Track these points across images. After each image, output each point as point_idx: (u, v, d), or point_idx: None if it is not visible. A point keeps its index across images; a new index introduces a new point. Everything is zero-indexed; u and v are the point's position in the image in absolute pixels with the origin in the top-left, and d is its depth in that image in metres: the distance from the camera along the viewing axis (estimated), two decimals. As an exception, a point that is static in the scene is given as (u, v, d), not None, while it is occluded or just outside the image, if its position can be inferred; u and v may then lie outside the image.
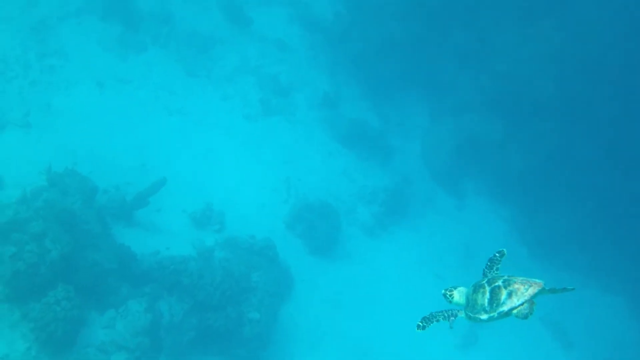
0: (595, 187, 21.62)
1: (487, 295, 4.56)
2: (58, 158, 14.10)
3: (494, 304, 4.51)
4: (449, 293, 5.00)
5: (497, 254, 5.13)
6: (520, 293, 4.43)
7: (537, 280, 4.50)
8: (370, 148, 21.13)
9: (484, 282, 4.69)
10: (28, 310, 9.85)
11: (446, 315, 4.96)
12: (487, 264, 5.10)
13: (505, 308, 4.46)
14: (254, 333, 13.60)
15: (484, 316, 4.57)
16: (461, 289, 4.95)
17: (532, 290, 4.42)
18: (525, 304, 4.43)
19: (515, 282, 4.49)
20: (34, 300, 9.90)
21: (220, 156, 18.07)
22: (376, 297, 17.30)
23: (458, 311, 4.92)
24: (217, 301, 13.07)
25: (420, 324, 4.95)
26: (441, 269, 19.42)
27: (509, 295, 4.46)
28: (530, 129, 21.76)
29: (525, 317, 4.47)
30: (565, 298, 21.07)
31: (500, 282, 4.56)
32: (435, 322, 4.97)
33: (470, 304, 4.70)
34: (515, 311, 4.45)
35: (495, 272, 5.00)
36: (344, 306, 16.74)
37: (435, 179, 22.19)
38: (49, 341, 9.73)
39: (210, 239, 15.38)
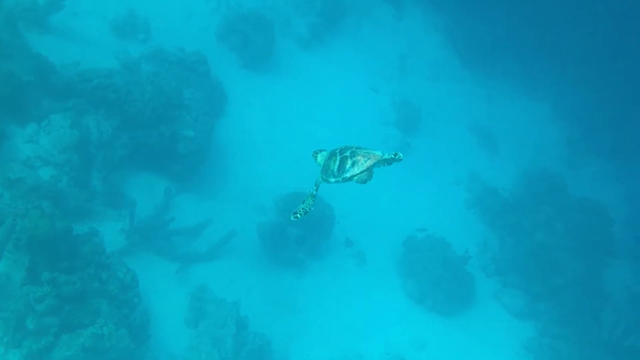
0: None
1: (337, 163, 5.41)
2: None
3: (341, 171, 5.38)
4: (315, 154, 5.71)
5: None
6: (360, 164, 5.34)
7: (376, 153, 5.37)
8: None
9: (337, 151, 5.49)
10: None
11: (305, 198, 5.61)
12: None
13: (348, 175, 5.37)
14: (189, 150, 13.14)
15: (332, 179, 5.44)
16: (324, 153, 5.65)
17: (369, 162, 5.34)
18: (364, 172, 5.36)
19: (358, 155, 5.37)
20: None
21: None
22: (312, 111, 16.94)
23: (313, 192, 5.58)
24: (148, 118, 12.36)
25: (294, 217, 5.51)
26: (377, 81, 19.10)
27: (352, 165, 5.36)
28: None
29: (364, 182, 5.40)
30: (494, 106, 21.51)
31: (347, 153, 5.42)
32: (302, 205, 5.58)
33: (324, 168, 5.52)
34: (355, 178, 5.38)
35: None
36: (279, 121, 16.39)
37: (373, -16, 21.10)
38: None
39: (135, 50, 14.15)
